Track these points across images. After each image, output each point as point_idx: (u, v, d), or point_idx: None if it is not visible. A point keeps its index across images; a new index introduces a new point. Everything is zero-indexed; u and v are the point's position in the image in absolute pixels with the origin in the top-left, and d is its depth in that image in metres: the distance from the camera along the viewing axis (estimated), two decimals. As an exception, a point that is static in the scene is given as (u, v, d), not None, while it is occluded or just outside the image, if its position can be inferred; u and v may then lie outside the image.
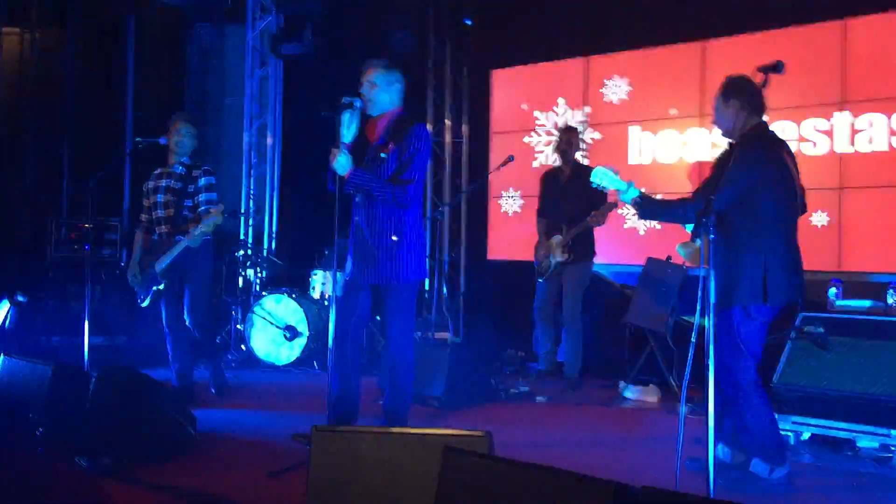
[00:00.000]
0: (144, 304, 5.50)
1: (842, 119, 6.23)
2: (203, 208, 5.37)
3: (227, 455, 4.24)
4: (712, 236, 3.07)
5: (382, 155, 4.10)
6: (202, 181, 5.44)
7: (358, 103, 4.08)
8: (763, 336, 3.79)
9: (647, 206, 3.86)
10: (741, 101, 3.73)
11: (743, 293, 3.65)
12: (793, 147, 6.24)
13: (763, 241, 3.67)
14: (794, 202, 3.81)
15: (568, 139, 6.43)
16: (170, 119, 5.56)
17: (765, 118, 3.85)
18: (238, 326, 7.73)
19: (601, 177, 3.86)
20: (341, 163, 4.00)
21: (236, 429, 4.82)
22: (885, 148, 6.06)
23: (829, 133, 6.30)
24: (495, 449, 2.84)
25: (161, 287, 5.37)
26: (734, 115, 3.74)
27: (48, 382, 4.06)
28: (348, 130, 4.05)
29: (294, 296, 7.13)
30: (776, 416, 4.41)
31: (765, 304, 3.67)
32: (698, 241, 3.63)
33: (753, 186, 3.65)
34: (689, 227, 3.95)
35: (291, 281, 7.84)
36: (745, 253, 3.66)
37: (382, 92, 4.16)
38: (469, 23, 7.71)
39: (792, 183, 3.77)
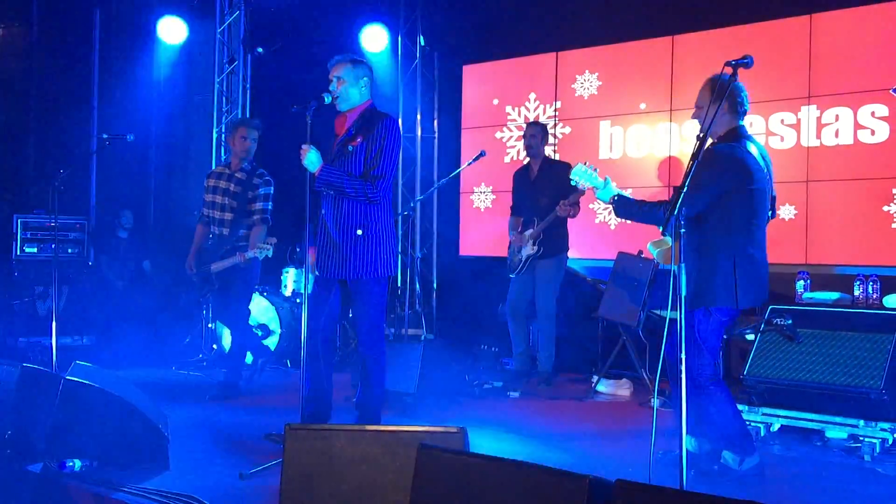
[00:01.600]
0: (202, 300, 5.86)
1: (808, 113, 6.31)
2: (257, 217, 5.63)
3: (200, 455, 4.19)
4: (683, 230, 3.08)
5: (350, 148, 4.09)
6: (262, 189, 5.70)
7: (328, 98, 4.08)
8: (721, 333, 3.84)
9: (624, 207, 3.86)
10: (730, 104, 3.76)
11: (715, 295, 3.67)
12: (761, 141, 6.36)
13: (735, 243, 3.69)
14: (765, 205, 3.83)
15: (532, 133, 6.42)
16: (233, 123, 5.83)
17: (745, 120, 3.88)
18: (209, 325, 7.66)
19: (580, 174, 3.88)
20: (311, 160, 3.99)
21: (208, 428, 4.78)
22: (850, 141, 6.14)
23: (796, 127, 6.38)
24: (469, 445, 2.85)
25: (215, 287, 5.71)
26: (719, 116, 3.71)
27: (15, 384, 3.99)
28: None
29: (266, 294, 7.08)
30: (746, 408, 4.47)
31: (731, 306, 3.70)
32: (669, 240, 3.64)
33: (726, 191, 3.67)
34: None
35: (263, 279, 7.76)
36: (717, 255, 3.68)
37: (350, 87, 4.16)
38: None
39: (764, 185, 3.79)
